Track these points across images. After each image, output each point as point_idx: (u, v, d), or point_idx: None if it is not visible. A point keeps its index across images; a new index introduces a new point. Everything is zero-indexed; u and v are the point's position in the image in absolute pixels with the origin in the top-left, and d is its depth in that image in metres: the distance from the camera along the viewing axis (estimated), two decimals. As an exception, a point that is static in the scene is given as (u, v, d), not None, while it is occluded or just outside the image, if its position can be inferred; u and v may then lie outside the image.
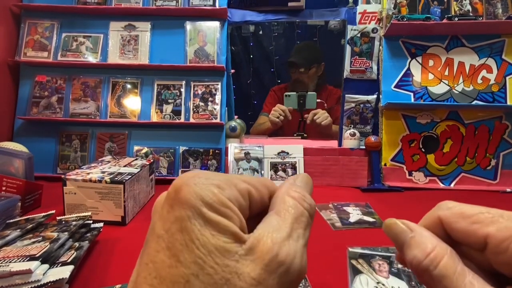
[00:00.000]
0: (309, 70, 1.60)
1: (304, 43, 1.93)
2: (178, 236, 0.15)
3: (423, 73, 1.04)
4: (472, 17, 0.99)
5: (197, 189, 0.15)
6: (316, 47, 1.74)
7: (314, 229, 0.61)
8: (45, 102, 1.09)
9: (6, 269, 0.40)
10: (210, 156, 1.07)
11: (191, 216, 0.15)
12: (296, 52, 1.67)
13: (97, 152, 1.08)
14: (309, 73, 1.61)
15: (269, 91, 1.78)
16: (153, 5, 1.11)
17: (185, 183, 0.16)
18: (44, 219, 0.60)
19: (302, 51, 1.67)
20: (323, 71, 1.65)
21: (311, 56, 1.63)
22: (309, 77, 1.62)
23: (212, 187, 0.16)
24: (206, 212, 0.15)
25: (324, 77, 1.67)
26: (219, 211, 0.15)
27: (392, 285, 0.48)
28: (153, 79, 1.11)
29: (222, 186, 0.16)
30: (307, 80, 1.62)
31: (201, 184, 0.16)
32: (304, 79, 1.61)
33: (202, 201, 0.15)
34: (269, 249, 0.15)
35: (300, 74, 1.61)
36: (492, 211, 0.18)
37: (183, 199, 0.15)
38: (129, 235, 0.66)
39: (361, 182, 1.05)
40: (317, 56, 1.65)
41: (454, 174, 1.03)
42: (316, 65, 1.62)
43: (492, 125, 1.02)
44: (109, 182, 0.68)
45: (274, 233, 0.16)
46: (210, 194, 0.15)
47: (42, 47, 1.10)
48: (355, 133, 1.10)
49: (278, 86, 1.80)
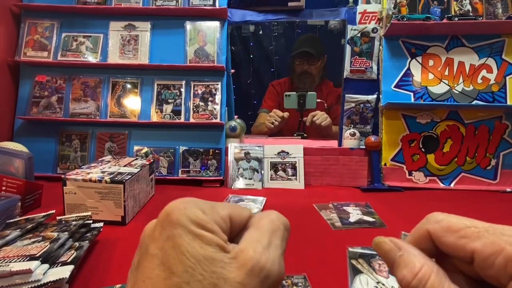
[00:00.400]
0: (318, 61, 1.61)
1: (308, 35, 1.92)
2: (171, 252, 0.17)
3: (423, 73, 1.04)
4: (472, 17, 0.99)
5: (186, 212, 0.18)
6: (320, 38, 1.74)
7: (314, 229, 0.61)
8: (45, 102, 1.09)
9: (6, 269, 0.40)
10: (210, 156, 1.07)
11: (181, 234, 0.17)
12: (303, 43, 1.66)
13: (97, 152, 1.08)
14: (317, 64, 1.62)
15: (268, 86, 1.79)
16: (153, 5, 1.11)
17: (175, 207, 0.18)
18: (44, 219, 0.60)
19: (309, 42, 1.66)
20: (325, 63, 1.65)
21: (320, 48, 1.63)
22: (316, 69, 1.62)
23: (198, 211, 0.18)
24: (194, 229, 0.17)
25: (326, 71, 1.67)
26: (205, 228, 0.18)
27: (392, 285, 0.48)
28: (153, 79, 1.11)
29: (206, 211, 0.18)
30: (315, 71, 1.62)
31: (189, 208, 0.18)
32: (312, 70, 1.61)
33: (191, 220, 0.17)
34: (252, 257, 0.17)
35: (309, 66, 1.61)
36: (479, 225, 0.18)
37: (174, 220, 0.18)
38: (129, 235, 0.65)
39: (361, 182, 1.05)
40: (323, 49, 1.65)
41: (454, 174, 1.03)
42: (322, 57, 1.63)
43: (492, 125, 1.02)
44: (109, 182, 0.68)
45: (255, 244, 0.18)
46: (197, 215, 0.18)
47: (42, 47, 1.10)
48: (355, 133, 1.10)
49: (277, 81, 1.80)
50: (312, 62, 1.60)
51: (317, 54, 1.60)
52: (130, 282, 0.18)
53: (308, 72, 1.61)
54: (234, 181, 1.04)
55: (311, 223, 0.73)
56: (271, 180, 1.05)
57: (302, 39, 1.73)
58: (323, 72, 1.66)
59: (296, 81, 1.65)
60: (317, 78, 1.63)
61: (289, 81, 1.73)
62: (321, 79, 1.65)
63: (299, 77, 1.62)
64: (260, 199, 0.89)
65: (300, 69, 1.62)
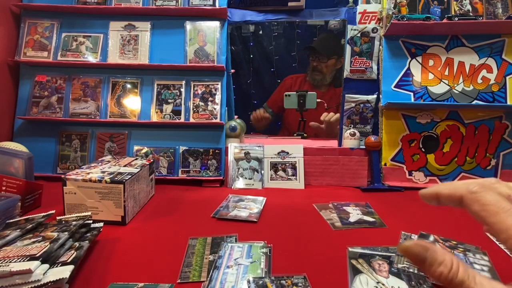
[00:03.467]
0: (328, 60, 1.63)
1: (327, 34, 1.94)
2: None
3: (423, 73, 1.04)
4: (472, 17, 0.99)
5: None
6: (338, 39, 1.75)
7: (314, 229, 0.61)
8: (45, 102, 1.09)
9: (6, 269, 0.40)
10: (210, 156, 1.07)
11: None
12: (318, 41, 1.71)
13: (97, 152, 1.08)
14: (328, 63, 1.63)
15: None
16: (153, 5, 1.11)
17: None
18: (44, 219, 0.60)
19: (322, 41, 1.70)
20: (339, 67, 1.66)
21: (332, 47, 1.64)
22: (327, 67, 1.64)
23: None
24: None
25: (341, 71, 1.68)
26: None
27: (392, 285, 0.48)
28: (153, 79, 1.11)
29: None
30: (326, 70, 1.64)
31: None
32: (323, 68, 1.64)
33: None
34: None
35: (319, 63, 1.64)
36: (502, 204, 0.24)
37: None
38: (129, 235, 0.66)
39: (361, 182, 1.05)
40: (337, 49, 1.65)
41: (454, 174, 1.03)
42: (336, 57, 1.63)
43: (492, 125, 1.02)
44: (109, 182, 0.68)
45: None
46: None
47: (42, 47, 1.10)
48: (355, 133, 1.10)
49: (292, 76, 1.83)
50: (322, 60, 1.64)
51: (325, 53, 1.63)
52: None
53: (319, 69, 1.64)
54: (234, 181, 1.04)
55: (311, 223, 0.73)
56: (271, 180, 1.05)
57: (319, 37, 1.79)
58: (336, 73, 1.67)
59: (309, 75, 1.69)
60: (328, 77, 1.66)
61: (303, 76, 1.76)
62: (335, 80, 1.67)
63: (311, 73, 1.68)
64: (260, 199, 0.89)
65: (312, 63, 1.67)
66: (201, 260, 0.56)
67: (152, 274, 0.52)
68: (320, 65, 1.64)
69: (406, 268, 0.53)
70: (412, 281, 0.50)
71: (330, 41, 1.68)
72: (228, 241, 0.62)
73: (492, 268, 0.54)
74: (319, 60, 1.64)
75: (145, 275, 0.51)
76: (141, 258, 0.57)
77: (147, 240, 0.64)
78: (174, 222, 0.73)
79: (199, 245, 0.61)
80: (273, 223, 0.73)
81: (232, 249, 0.59)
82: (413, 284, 0.49)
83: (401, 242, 0.62)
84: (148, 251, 0.59)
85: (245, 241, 0.62)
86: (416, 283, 0.49)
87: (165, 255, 0.58)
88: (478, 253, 0.58)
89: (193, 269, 0.53)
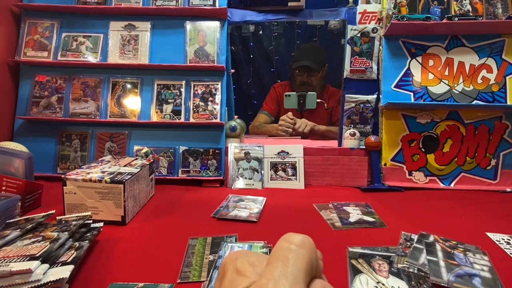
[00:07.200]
0: (319, 73, 1.61)
1: (309, 44, 1.92)
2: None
3: (423, 73, 1.05)
4: (472, 17, 0.99)
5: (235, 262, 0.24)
6: (321, 48, 1.73)
7: (314, 229, 0.61)
8: (45, 102, 1.09)
9: (6, 269, 0.40)
10: (210, 156, 1.07)
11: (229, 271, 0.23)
12: (303, 55, 1.65)
13: (97, 152, 1.08)
14: (317, 76, 1.61)
15: (270, 89, 1.79)
16: (153, 5, 1.11)
17: (228, 258, 0.25)
18: (44, 219, 0.60)
19: (311, 54, 1.64)
20: (326, 72, 1.65)
21: (321, 59, 1.63)
22: (317, 79, 1.62)
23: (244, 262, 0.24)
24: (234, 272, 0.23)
25: (327, 78, 1.67)
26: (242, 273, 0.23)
27: (392, 285, 0.48)
28: (153, 79, 1.11)
29: (254, 263, 0.23)
30: (316, 82, 1.62)
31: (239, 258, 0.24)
32: (313, 81, 1.61)
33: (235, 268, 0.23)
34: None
35: (309, 78, 1.60)
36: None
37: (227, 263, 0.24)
38: (129, 235, 0.66)
39: (361, 182, 1.05)
40: (324, 58, 1.65)
41: (454, 174, 1.03)
42: (323, 67, 1.62)
43: (492, 125, 1.02)
44: (109, 182, 0.68)
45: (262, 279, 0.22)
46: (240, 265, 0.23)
47: (42, 47, 1.10)
48: (355, 133, 1.10)
49: (278, 84, 1.79)
50: (312, 74, 1.60)
51: (318, 67, 1.59)
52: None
53: (310, 84, 1.61)
54: (234, 181, 1.04)
55: (311, 223, 0.73)
56: (271, 180, 1.05)
57: (302, 50, 1.73)
58: (324, 81, 1.66)
59: (296, 89, 1.64)
60: (318, 88, 1.62)
61: (290, 84, 1.74)
62: (322, 87, 1.65)
63: (299, 87, 1.62)
64: (260, 199, 0.89)
65: (300, 80, 1.63)
66: (201, 260, 0.56)
67: (152, 274, 0.52)
68: (310, 80, 1.60)
69: (406, 268, 0.53)
70: (412, 281, 0.50)
71: (316, 53, 1.65)
72: (228, 241, 0.62)
73: (492, 268, 0.54)
74: (308, 75, 1.60)
75: (145, 275, 0.51)
76: (141, 258, 0.57)
77: (147, 240, 0.64)
78: (174, 222, 0.73)
79: (199, 245, 0.61)
80: (273, 223, 0.73)
81: (232, 249, 0.59)
82: (413, 284, 0.49)
83: (401, 242, 0.62)
84: (148, 251, 0.59)
85: (245, 241, 0.62)
86: (416, 283, 0.49)
87: (165, 255, 0.58)
88: (478, 253, 0.58)
89: (193, 269, 0.53)
